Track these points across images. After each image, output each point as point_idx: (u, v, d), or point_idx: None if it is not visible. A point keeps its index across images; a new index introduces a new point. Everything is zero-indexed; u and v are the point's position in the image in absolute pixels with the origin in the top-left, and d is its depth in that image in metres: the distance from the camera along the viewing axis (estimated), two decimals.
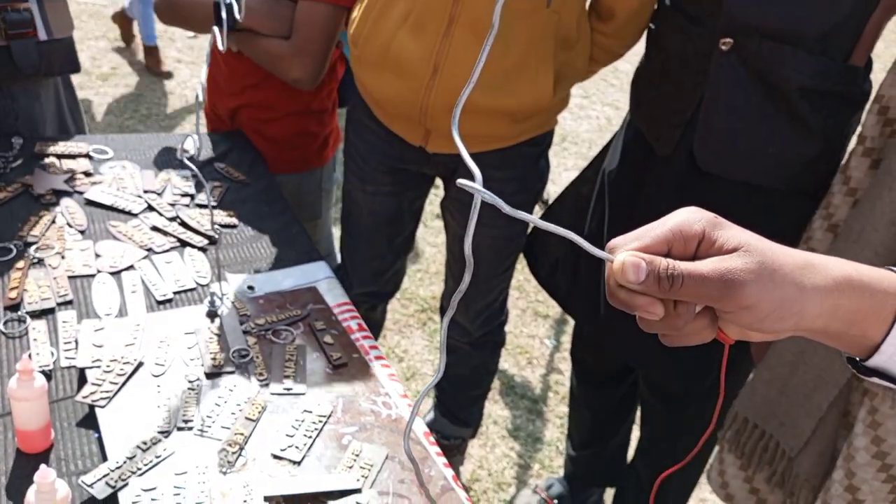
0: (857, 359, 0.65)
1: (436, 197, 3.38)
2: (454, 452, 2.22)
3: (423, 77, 1.52)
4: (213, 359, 1.24)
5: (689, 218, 0.60)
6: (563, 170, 4.10)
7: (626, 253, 0.59)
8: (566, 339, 2.87)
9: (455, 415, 2.17)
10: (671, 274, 0.57)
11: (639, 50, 1.71)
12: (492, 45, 1.51)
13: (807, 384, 1.33)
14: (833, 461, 1.30)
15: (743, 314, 0.58)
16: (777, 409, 1.37)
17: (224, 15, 1.15)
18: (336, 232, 2.17)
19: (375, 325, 2.18)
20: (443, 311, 2.38)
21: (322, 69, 1.75)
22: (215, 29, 1.18)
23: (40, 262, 1.39)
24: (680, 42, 1.48)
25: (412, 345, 2.74)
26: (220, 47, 1.13)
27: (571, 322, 2.97)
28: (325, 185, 2.03)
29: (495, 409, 2.53)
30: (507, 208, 0.53)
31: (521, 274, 3.08)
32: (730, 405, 1.52)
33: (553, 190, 3.85)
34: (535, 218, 0.56)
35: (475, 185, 0.51)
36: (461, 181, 0.53)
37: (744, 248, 0.58)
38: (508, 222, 1.78)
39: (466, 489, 1.76)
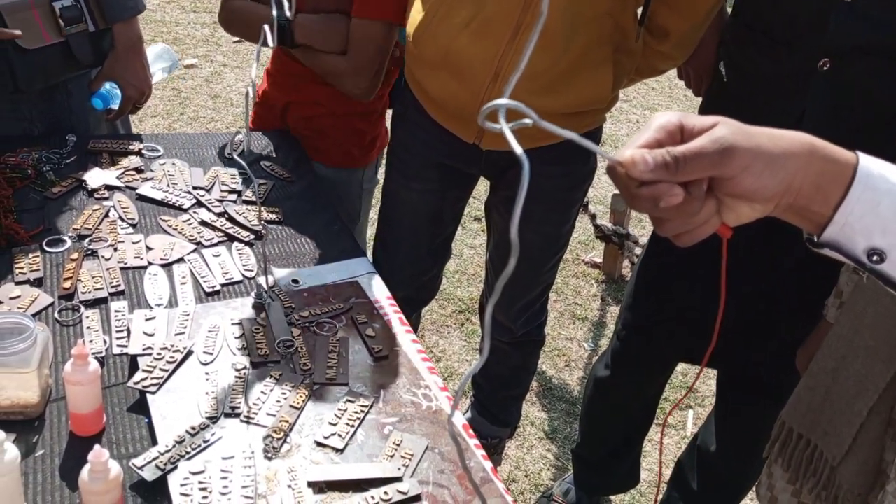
0: (815, 237, 0.71)
1: (474, 199, 3.40)
2: (492, 452, 2.22)
3: (484, 81, 1.53)
4: (260, 349, 1.27)
5: (664, 116, 0.68)
6: (601, 172, 4.08)
7: (630, 150, 0.65)
8: (604, 343, 2.86)
9: (494, 414, 2.17)
10: (673, 155, 0.64)
11: None
12: (552, 50, 1.49)
13: (848, 390, 1.31)
14: (879, 472, 1.28)
15: (744, 177, 0.65)
16: (821, 417, 1.35)
17: (274, 13, 1.18)
18: (370, 231, 2.18)
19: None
20: (482, 308, 2.39)
21: (378, 84, 1.79)
22: (265, 27, 1.21)
23: (93, 253, 1.44)
24: (769, 65, 1.47)
25: (450, 345, 2.76)
26: (270, 44, 1.15)
27: (610, 325, 2.96)
28: (366, 185, 2.06)
29: (533, 411, 2.53)
30: (534, 117, 0.57)
31: (559, 276, 3.08)
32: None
33: (592, 193, 3.85)
34: (564, 131, 0.60)
35: (501, 126, 0.53)
36: (489, 124, 0.54)
37: (720, 122, 0.66)
38: (556, 219, 1.78)
39: None
